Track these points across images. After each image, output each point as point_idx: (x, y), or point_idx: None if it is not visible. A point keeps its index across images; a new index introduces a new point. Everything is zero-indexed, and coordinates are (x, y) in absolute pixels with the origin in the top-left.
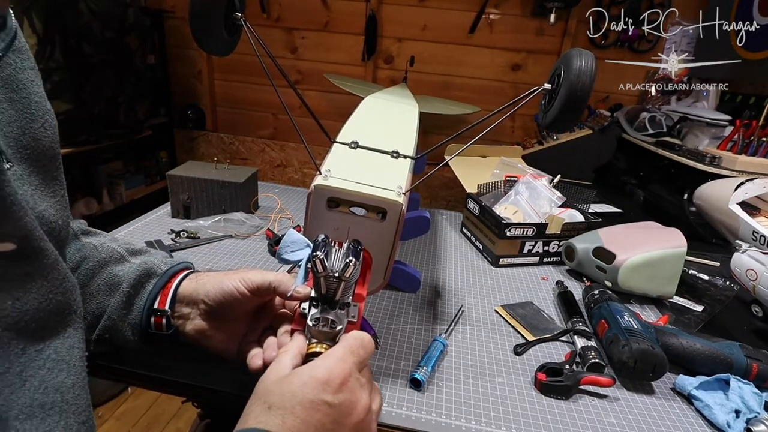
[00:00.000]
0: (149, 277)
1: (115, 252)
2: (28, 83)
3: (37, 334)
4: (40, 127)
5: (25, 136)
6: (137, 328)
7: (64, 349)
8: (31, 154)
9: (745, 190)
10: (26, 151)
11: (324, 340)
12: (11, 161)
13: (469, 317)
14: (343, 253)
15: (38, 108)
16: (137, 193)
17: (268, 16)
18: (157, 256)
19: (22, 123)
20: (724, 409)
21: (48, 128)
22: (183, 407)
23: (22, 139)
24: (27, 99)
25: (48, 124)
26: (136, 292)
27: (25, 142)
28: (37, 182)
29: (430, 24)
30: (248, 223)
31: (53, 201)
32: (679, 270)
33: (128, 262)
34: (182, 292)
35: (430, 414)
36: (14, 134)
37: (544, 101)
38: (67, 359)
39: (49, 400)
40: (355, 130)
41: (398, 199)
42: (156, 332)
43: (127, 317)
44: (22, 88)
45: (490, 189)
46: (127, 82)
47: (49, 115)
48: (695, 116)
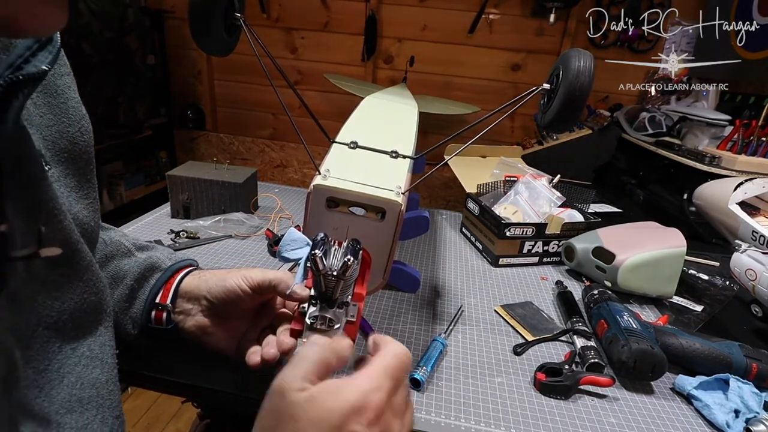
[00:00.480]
0: (153, 271)
1: (123, 246)
2: (66, 88)
3: (73, 332)
4: (76, 131)
5: (62, 140)
6: (137, 322)
7: (97, 347)
8: (67, 157)
9: (745, 189)
10: (63, 154)
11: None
12: (49, 164)
13: (469, 317)
14: (342, 252)
15: (75, 113)
16: (137, 193)
17: (267, 16)
18: (163, 252)
19: (59, 127)
20: (723, 408)
21: (84, 132)
22: (183, 407)
23: (60, 143)
24: (65, 104)
25: (84, 129)
26: (139, 286)
27: (62, 145)
28: (72, 184)
29: (430, 24)
30: (248, 223)
31: (86, 203)
32: (678, 270)
33: (134, 257)
34: (184, 287)
35: (429, 414)
36: (52, 137)
37: (543, 101)
38: (100, 356)
39: (86, 395)
40: (354, 130)
41: (397, 199)
42: (156, 327)
43: (129, 310)
44: (60, 94)
45: (489, 189)
46: (127, 82)
47: (85, 119)
48: (695, 116)
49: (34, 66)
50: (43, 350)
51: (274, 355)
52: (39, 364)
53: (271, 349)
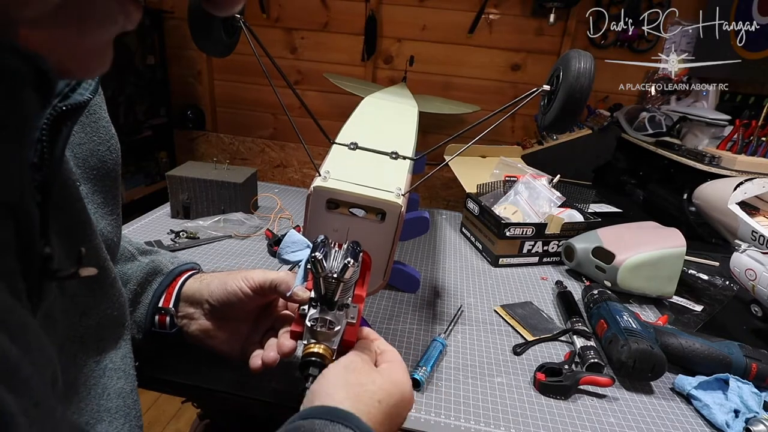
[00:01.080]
0: (155, 275)
1: (126, 251)
2: (97, 108)
3: (96, 345)
4: (106, 150)
5: (92, 158)
6: (142, 326)
7: (119, 359)
8: (96, 175)
9: (745, 189)
10: (92, 172)
11: (322, 341)
12: (79, 181)
13: (469, 317)
14: (342, 254)
15: (105, 132)
16: (137, 194)
17: (267, 17)
18: (166, 256)
19: (90, 146)
20: (723, 408)
21: (113, 151)
22: (183, 407)
23: (90, 161)
24: (96, 123)
25: (113, 147)
26: (142, 290)
27: (92, 163)
28: (99, 201)
29: (430, 24)
30: (248, 223)
31: (111, 219)
32: (678, 270)
33: (137, 261)
34: (186, 291)
35: (429, 414)
36: (83, 156)
37: (544, 102)
38: (122, 368)
39: (113, 405)
40: (354, 131)
41: (397, 201)
42: (160, 330)
43: (133, 315)
44: (92, 113)
45: (489, 189)
46: (126, 83)
47: (114, 139)
48: (695, 116)
49: (80, 94)
50: (72, 364)
51: (274, 358)
52: (67, 377)
53: (270, 352)
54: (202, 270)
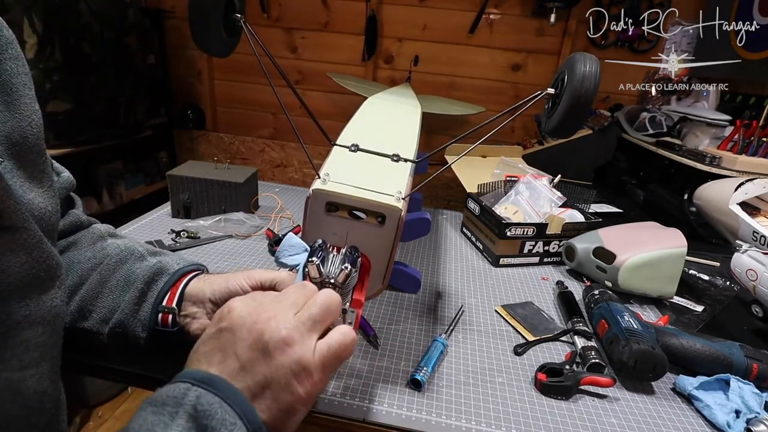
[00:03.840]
0: (161, 274)
1: (136, 251)
2: (21, 86)
3: (21, 302)
4: (27, 125)
5: (14, 134)
6: (146, 325)
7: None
8: (19, 150)
9: (745, 190)
10: (15, 148)
11: None
12: (2, 157)
13: (470, 317)
14: (341, 259)
15: (27, 108)
16: (137, 193)
17: (268, 16)
18: (173, 257)
19: (12, 123)
20: (724, 409)
21: (34, 126)
22: None
23: (12, 137)
24: (18, 101)
25: (34, 123)
26: (148, 289)
27: (14, 139)
28: (25, 175)
29: (430, 24)
30: (248, 222)
31: (41, 191)
32: (679, 270)
33: (146, 261)
34: (190, 290)
35: (430, 414)
36: (5, 133)
37: (548, 106)
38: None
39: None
40: (355, 132)
41: (397, 205)
42: (163, 329)
43: (138, 313)
44: (14, 91)
45: (490, 189)
46: (127, 83)
47: (36, 114)
48: (695, 116)
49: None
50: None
51: None
52: None
53: None
54: (208, 271)
